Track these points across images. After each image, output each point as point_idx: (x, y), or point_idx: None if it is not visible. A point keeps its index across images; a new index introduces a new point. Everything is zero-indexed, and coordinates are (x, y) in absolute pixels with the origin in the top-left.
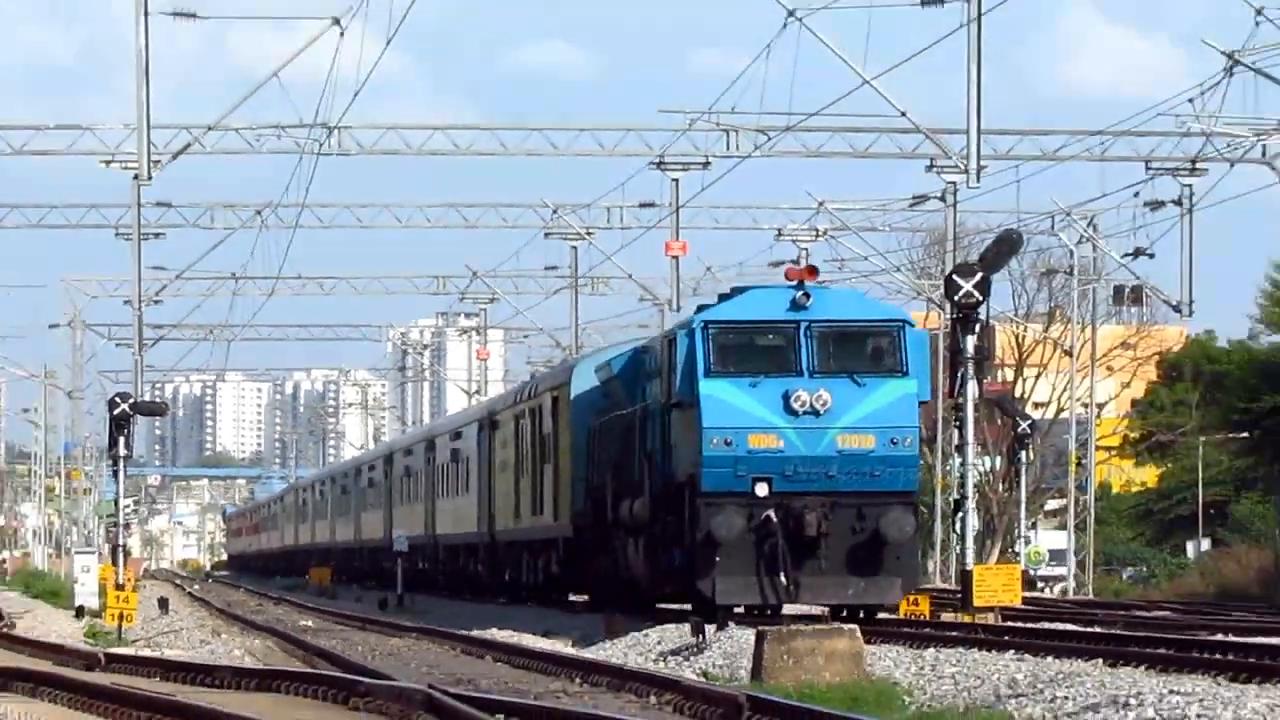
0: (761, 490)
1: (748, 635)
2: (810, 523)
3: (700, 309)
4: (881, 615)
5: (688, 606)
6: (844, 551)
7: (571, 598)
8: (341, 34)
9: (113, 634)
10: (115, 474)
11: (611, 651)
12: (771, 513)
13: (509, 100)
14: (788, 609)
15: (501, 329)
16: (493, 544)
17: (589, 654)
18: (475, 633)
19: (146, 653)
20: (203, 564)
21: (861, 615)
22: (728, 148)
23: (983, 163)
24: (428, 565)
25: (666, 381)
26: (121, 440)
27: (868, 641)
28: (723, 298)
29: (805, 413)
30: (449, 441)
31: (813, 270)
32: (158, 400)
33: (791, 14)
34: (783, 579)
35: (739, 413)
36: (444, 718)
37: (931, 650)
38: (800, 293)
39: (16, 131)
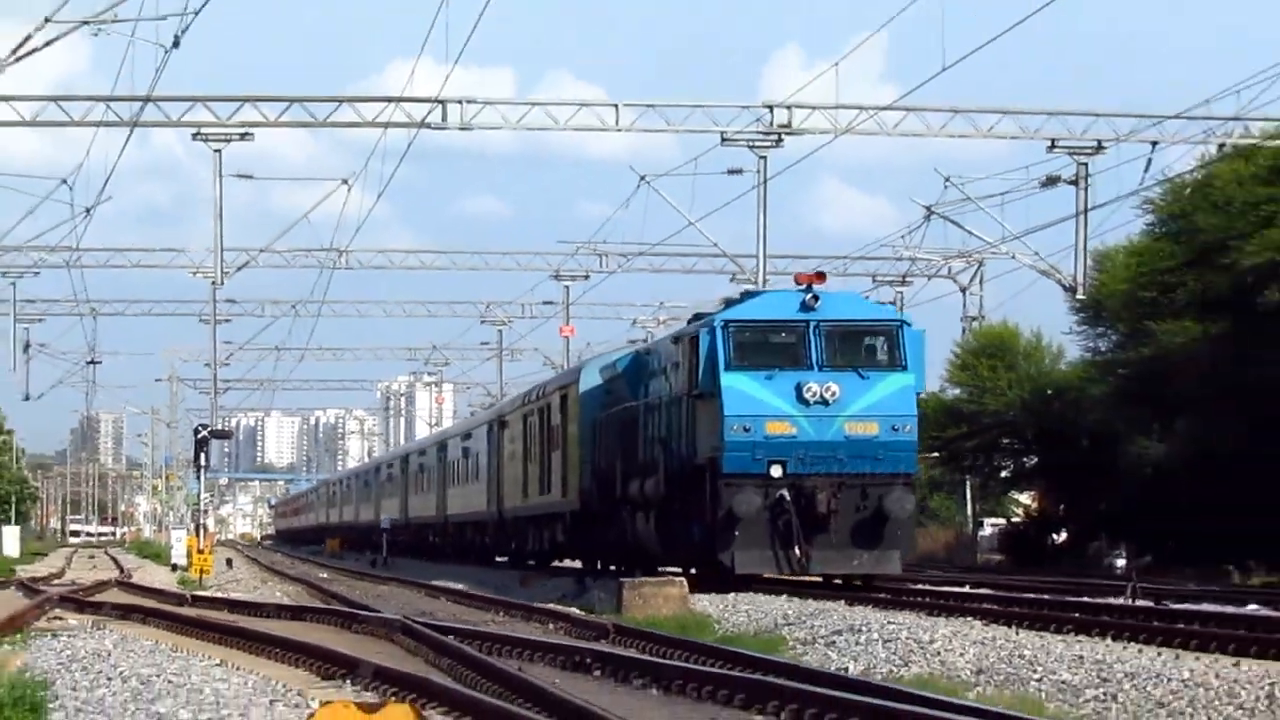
0: (776, 472)
1: (613, 584)
2: (820, 501)
3: (696, 317)
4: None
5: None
6: (850, 527)
7: (565, 563)
8: (349, 189)
9: (196, 582)
10: (197, 476)
11: (524, 595)
12: (785, 492)
13: (456, 233)
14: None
15: (452, 383)
16: (501, 520)
17: (509, 597)
18: (434, 583)
19: (218, 595)
20: (255, 536)
21: (858, 583)
22: (601, 266)
23: (767, 277)
24: (437, 539)
25: (689, 374)
26: (202, 455)
27: (691, 589)
28: (729, 303)
29: (816, 403)
30: (460, 442)
31: (820, 275)
32: (225, 428)
33: (643, 178)
34: (796, 551)
35: (756, 402)
36: (413, 637)
37: (732, 595)
38: (809, 295)
39: (133, 253)
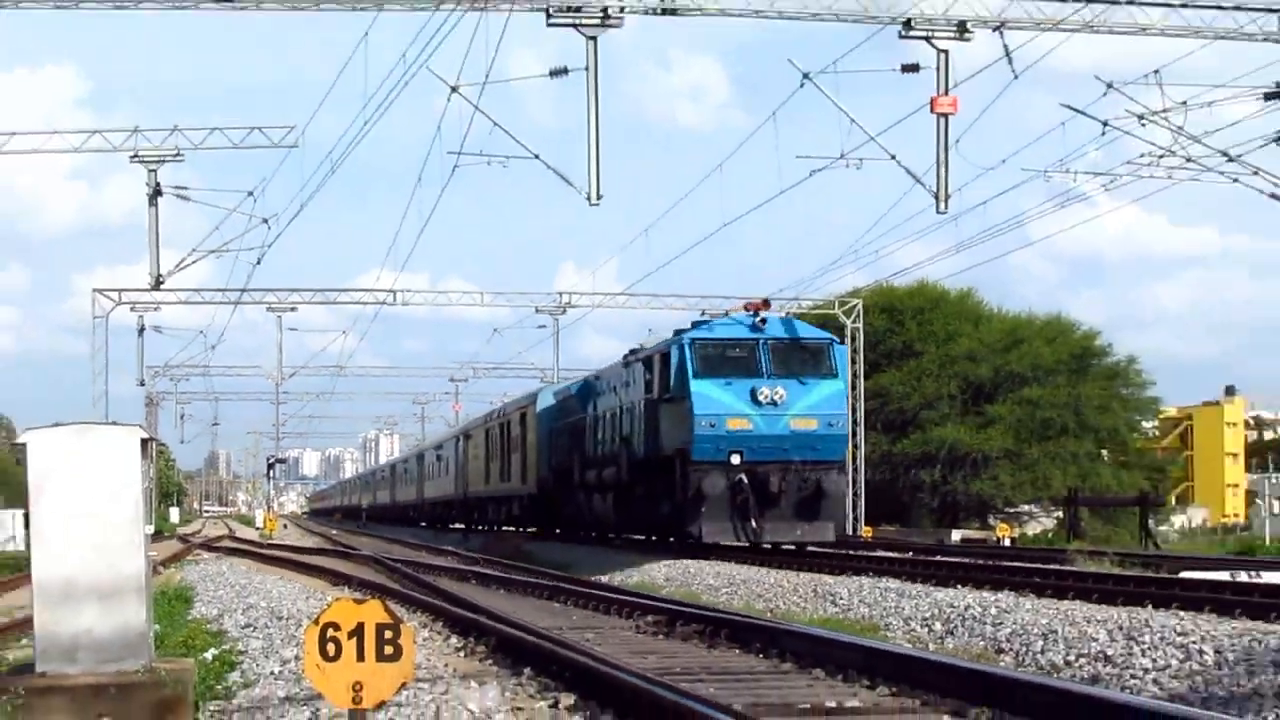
0: (736, 459)
1: (482, 535)
2: (771, 483)
3: (632, 352)
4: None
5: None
6: (795, 503)
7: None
8: (345, 336)
9: (268, 536)
10: (268, 482)
11: (441, 543)
12: (743, 475)
13: (399, 358)
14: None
15: (399, 434)
16: (465, 500)
17: (431, 543)
18: (394, 536)
19: (279, 543)
20: (299, 513)
21: (794, 548)
22: (474, 375)
23: (561, 379)
24: (415, 514)
25: (660, 382)
26: (270, 471)
27: (527, 539)
28: (678, 332)
29: (767, 404)
30: (434, 451)
31: (766, 303)
32: (283, 458)
33: (495, 330)
34: (751, 523)
35: (719, 404)
36: (380, 564)
37: (552, 543)
38: (758, 318)
39: (235, 368)
